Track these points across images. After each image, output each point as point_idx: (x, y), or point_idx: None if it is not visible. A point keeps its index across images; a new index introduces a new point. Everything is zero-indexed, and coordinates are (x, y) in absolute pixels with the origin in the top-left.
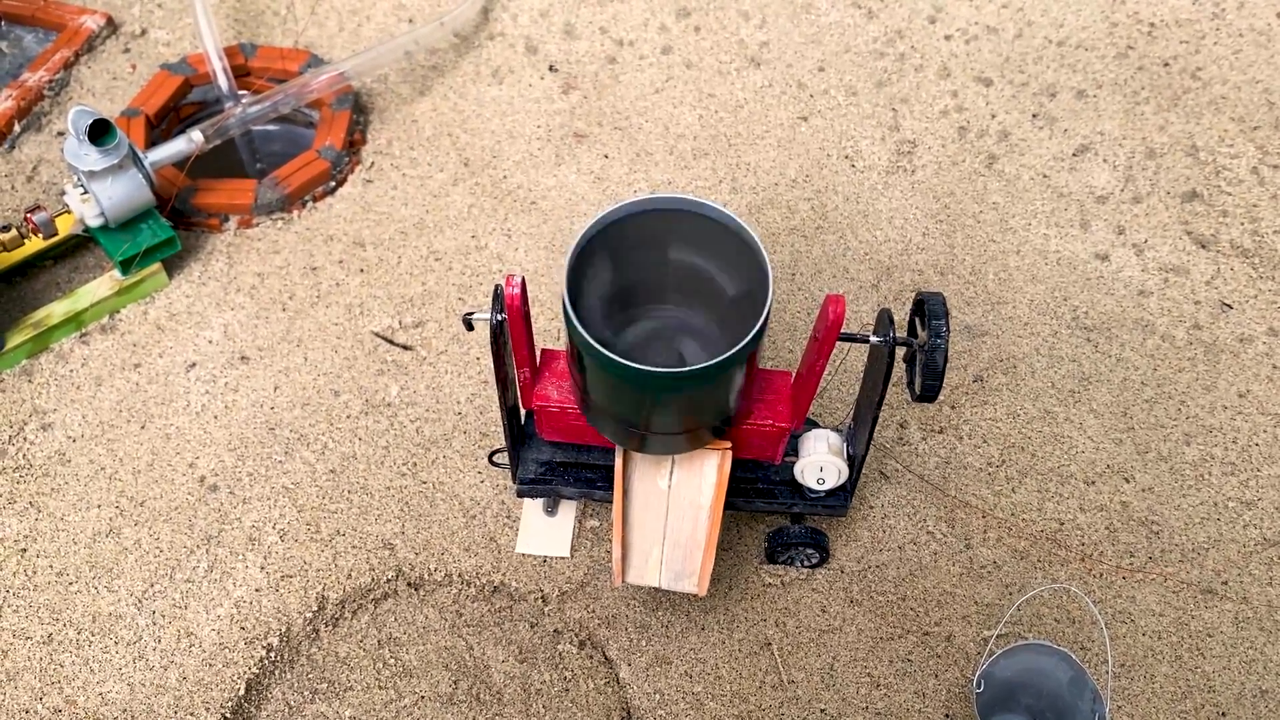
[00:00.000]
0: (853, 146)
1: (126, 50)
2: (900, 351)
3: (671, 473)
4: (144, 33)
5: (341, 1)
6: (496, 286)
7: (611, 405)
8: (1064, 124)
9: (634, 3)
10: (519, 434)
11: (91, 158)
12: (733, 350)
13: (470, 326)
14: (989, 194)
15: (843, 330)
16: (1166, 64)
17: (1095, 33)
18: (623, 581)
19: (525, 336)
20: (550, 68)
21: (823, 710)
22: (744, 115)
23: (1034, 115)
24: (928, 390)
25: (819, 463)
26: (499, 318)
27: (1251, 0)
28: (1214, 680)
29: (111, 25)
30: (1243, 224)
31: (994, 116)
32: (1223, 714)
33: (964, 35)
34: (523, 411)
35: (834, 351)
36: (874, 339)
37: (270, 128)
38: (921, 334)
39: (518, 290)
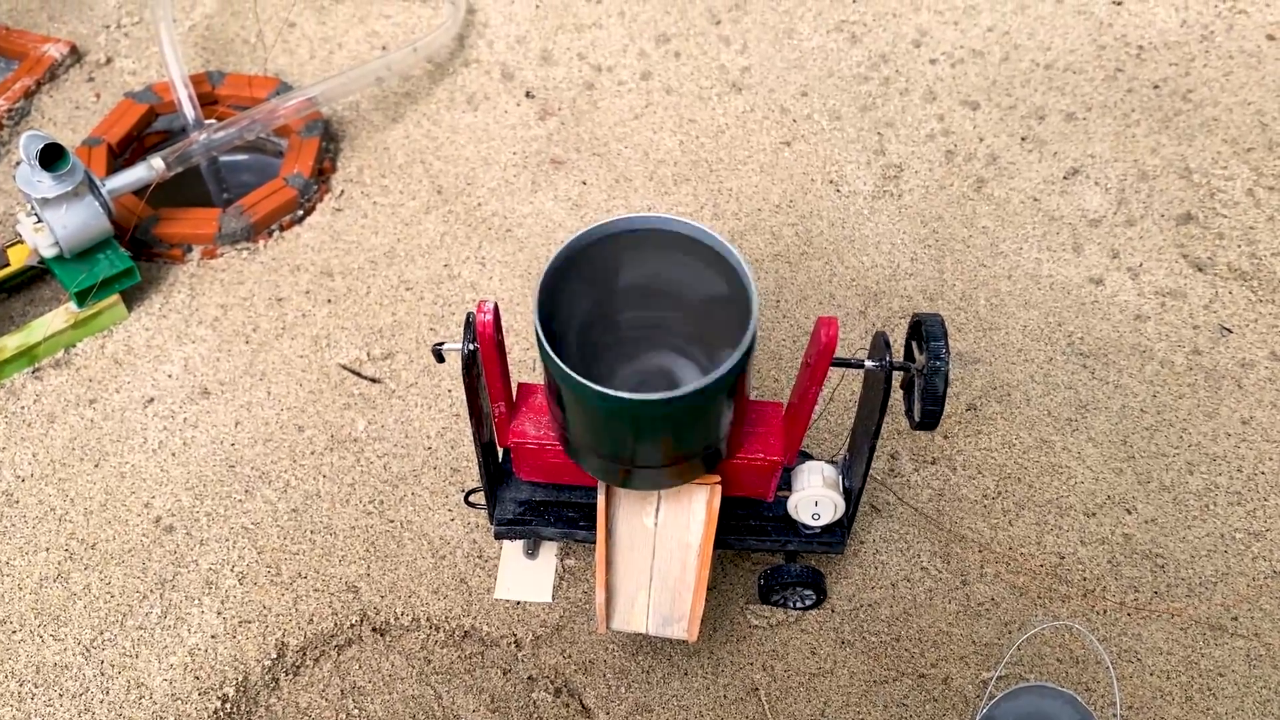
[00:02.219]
0: (837, 171)
1: (90, 79)
2: (897, 378)
3: (658, 510)
4: (109, 62)
5: (313, 29)
6: (468, 314)
7: (593, 438)
8: (1054, 147)
9: (613, 29)
10: (496, 472)
11: (44, 185)
12: (718, 373)
13: (440, 358)
14: (978, 218)
15: (836, 356)
16: (1156, 86)
17: (1083, 55)
18: (607, 629)
19: (500, 368)
20: (527, 94)
21: None
22: (725, 140)
23: (1023, 138)
24: (928, 417)
25: (813, 497)
26: (471, 347)
27: (1241, 23)
28: None
29: (75, 54)
30: (1240, 246)
31: (982, 140)
32: None
33: (949, 59)
34: (499, 449)
35: (825, 380)
36: (869, 364)
37: (239, 157)
38: (919, 357)
39: (490, 317)
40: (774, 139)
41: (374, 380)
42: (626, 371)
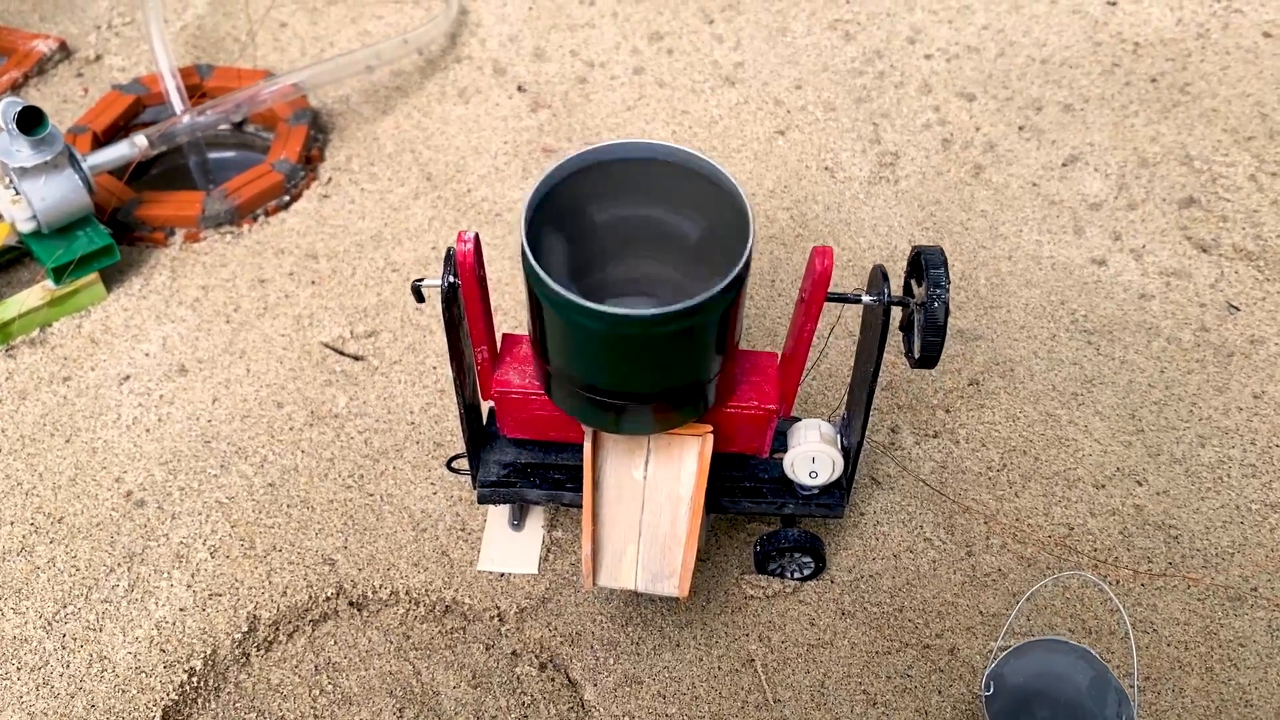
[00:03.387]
0: (833, 158)
1: (79, 75)
2: (897, 321)
3: (647, 462)
4: (99, 59)
5: (304, 29)
6: (449, 249)
7: (579, 372)
8: (1051, 135)
9: (605, 28)
10: (479, 433)
11: (23, 153)
12: (716, 288)
13: (420, 296)
14: (976, 202)
15: (834, 293)
16: (1154, 80)
17: (1079, 51)
18: (593, 584)
19: (481, 306)
20: (519, 88)
21: None
22: (719, 130)
23: (1020, 127)
24: (928, 349)
25: (810, 453)
26: (450, 280)
27: (1236, 21)
28: (1250, 693)
29: (65, 50)
30: (1244, 229)
31: (979, 129)
32: None
33: (944, 55)
34: (484, 410)
35: (813, 354)
36: (867, 298)
37: (227, 154)
38: (918, 291)
39: (470, 247)
40: (768, 129)
41: (356, 358)
42: (616, 302)
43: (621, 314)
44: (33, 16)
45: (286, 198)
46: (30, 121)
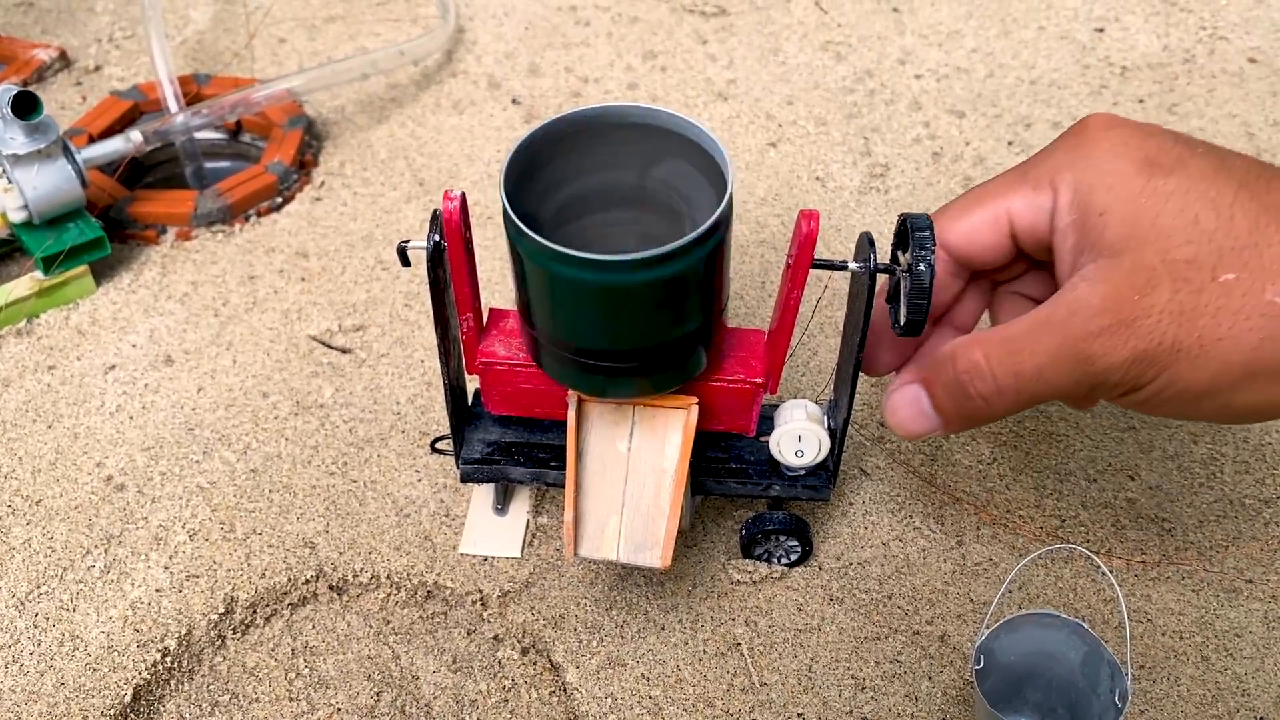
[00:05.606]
0: (823, 169)
1: (78, 84)
2: (884, 295)
3: (631, 434)
4: (98, 69)
5: (303, 44)
6: (435, 210)
7: (563, 329)
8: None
9: (600, 47)
10: (463, 409)
11: (17, 140)
12: (698, 231)
13: (405, 259)
14: None
15: (820, 259)
16: (1141, 100)
17: (1067, 74)
18: (575, 553)
19: (467, 270)
20: (513, 100)
21: (800, 715)
22: None
23: (1009, 142)
24: (914, 313)
25: (797, 431)
26: (436, 239)
27: (1222, 48)
28: (1248, 683)
29: (64, 59)
30: None
31: (968, 143)
32: (1261, 719)
33: (934, 75)
34: (468, 376)
35: (799, 332)
36: (853, 265)
37: (223, 164)
38: (904, 258)
39: (456, 205)
40: (759, 141)
41: (344, 350)
42: None
43: (607, 259)
44: (34, 29)
45: (279, 199)
46: (25, 107)
